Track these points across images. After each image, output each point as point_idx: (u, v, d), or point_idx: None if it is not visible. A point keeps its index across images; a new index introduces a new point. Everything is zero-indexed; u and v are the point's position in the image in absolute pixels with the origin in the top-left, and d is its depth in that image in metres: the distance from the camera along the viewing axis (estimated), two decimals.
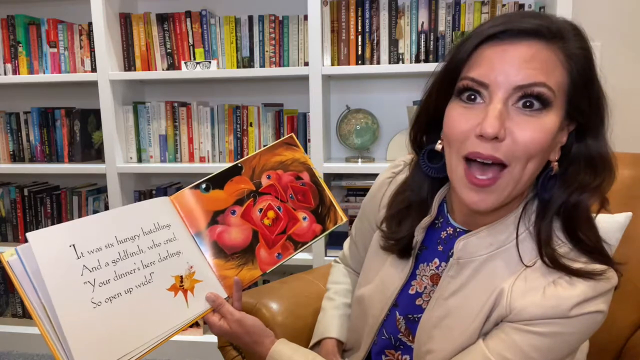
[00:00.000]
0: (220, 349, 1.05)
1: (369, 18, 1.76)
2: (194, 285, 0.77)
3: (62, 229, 0.68)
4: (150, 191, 2.03)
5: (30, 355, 2.04)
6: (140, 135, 1.97)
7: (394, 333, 0.76)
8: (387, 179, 0.85)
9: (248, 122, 1.91)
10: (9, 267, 0.64)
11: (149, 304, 0.71)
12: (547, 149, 0.61)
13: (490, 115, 0.58)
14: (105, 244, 0.70)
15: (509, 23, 0.60)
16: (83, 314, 0.65)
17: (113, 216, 0.74)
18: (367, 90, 1.99)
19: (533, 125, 0.59)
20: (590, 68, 0.61)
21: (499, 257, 0.66)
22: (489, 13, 1.72)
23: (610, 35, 1.80)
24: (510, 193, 0.62)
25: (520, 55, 0.59)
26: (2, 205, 2.14)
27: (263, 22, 1.84)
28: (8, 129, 2.10)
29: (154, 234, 0.76)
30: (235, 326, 0.77)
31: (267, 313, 1.04)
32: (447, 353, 0.67)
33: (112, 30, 1.89)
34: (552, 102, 0.59)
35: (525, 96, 0.59)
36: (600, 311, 0.61)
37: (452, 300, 0.69)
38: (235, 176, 0.85)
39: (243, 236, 0.82)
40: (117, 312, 0.67)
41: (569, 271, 0.61)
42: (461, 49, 0.63)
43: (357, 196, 1.88)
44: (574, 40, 0.61)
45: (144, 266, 0.72)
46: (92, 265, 0.68)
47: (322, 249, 1.82)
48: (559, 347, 0.62)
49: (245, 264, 0.81)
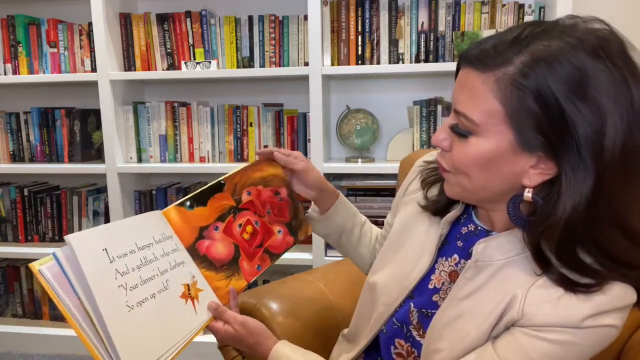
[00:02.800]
0: (220, 349, 1.05)
1: (369, 18, 1.76)
2: (198, 293, 0.79)
3: (95, 233, 0.70)
4: (150, 191, 2.03)
5: (30, 355, 2.04)
6: (140, 135, 1.97)
7: (406, 323, 0.77)
8: (418, 167, 0.88)
9: (248, 122, 1.91)
10: (40, 275, 0.65)
11: (168, 309, 0.74)
12: (489, 169, 0.62)
13: (438, 129, 0.66)
14: (129, 250, 0.73)
15: (469, 49, 0.63)
16: (122, 317, 0.67)
17: (128, 225, 0.76)
18: (367, 90, 1.99)
19: (460, 146, 0.64)
20: (535, 99, 0.56)
21: (515, 264, 0.66)
22: (488, 13, 1.72)
23: None
24: (468, 194, 0.67)
25: (459, 80, 0.64)
26: (2, 205, 2.14)
27: (263, 22, 1.84)
28: (8, 129, 2.10)
29: (162, 243, 0.79)
30: (240, 328, 0.80)
31: (267, 313, 1.04)
32: (456, 354, 0.67)
33: (112, 30, 1.89)
34: (474, 130, 0.61)
35: (456, 120, 0.64)
36: (613, 326, 0.59)
37: (465, 302, 0.69)
38: (217, 193, 0.88)
39: (227, 250, 0.86)
40: (147, 316, 0.70)
41: (578, 286, 0.59)
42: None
43: (357, 196, 1.87)
44: (514, 69, 0.57)
45: (160, 273, 0.75)
46: (122, 270, 0.70)
47: (322, 249, 1.81)
48: (567, 357, 0.60)
49: (232, 275, 0.85)
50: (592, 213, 0.57)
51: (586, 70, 0.55)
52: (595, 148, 0.55)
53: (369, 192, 1.87)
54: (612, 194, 0.57)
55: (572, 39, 0.56)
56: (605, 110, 0.55)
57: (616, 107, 0.55)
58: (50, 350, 2.05)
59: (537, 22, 0.61)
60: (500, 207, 0.67)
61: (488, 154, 0.61)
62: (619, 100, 0.55)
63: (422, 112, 1.80)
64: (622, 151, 0.55)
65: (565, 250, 0.60)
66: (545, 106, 0.56)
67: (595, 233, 0.58)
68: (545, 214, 0.59)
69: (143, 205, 2.04)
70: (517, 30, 0.60)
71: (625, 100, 0.55)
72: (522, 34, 0.59)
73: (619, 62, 0.56)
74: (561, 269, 0.60)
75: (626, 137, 0.55)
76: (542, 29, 0.59)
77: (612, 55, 0.56)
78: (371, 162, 1.85)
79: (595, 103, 0.55)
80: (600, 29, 0.58)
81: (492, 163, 0.62)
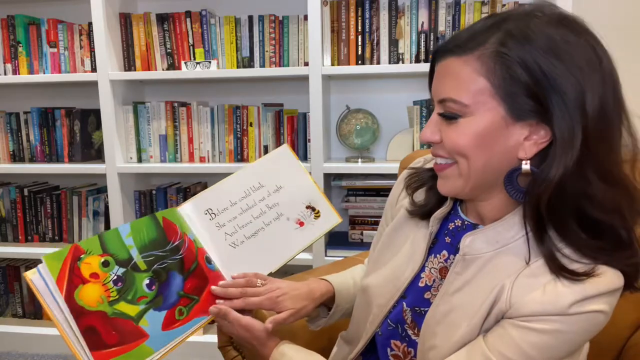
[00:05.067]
0: (220, 349, 1.05)
1: (369, 18, 1.76)
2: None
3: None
4: (150, 191, 2.03)
5: (31, 355, 2.04)
6: (140, 135, 1.97)
7: (401, 323, 0.77)
8: (405, 176, 0.88)
9: (248, 122, 1.91)
10: (33, 284, 0.71)
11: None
12: (486, 146, 0.64)
13: (425, 125, 0.69)
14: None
15: (443, 42, 0.67)
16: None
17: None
18: (367, 90, 1.99)
19: (452, 131, 0.65)
20: (520, 66, 0.60)
21: (504, 254, 0.67)
22: (489, 13, 1.72)
23: (610, 35, 1.79)
24: (467, 181, 0.67)
25: (439, 72, 0.67)
26: (2, 205, 2.14)
27: (263, 22, 1.84)
28: (8, 129, 2.10)
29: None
30: (242, 331, 0.81)
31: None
32: (449, 349, 0.68)
33: (112, 30, 1.89)
34: (464, 111, 0.63)
35: (443, 108, 0.66)
36: (601, 311, 0.60)
37: (456, 296, 0.69)
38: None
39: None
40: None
41: (565, 271, 0.61)
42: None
43: (357, 196, 1.87)
44: (494, 44, 0.61)
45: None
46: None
47: (322, 249, 1.82)
48: (558, 346, 0.61)
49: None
50: (581, 170, 0.60)
51: (558, 39, 0.60)
52: (581, 105, 0.59)
53: (369, 192, 1.87)
54: (596, 149, 0.60)
55: (539, 15, 0.62)
56: (583, 70, 0.60)
57: (589, 68, 0.60)
58: (50, 350, 2.05)
59: (500, 12, 0.66)
60: (494, 194, 0.68)
61: (482, 131, 0.63)
62: (590, 63, 0.60)
63: (422, 112, 1.80)
64: (600, 106, 0.60)
65: (561, 215, 0.62)
66: (529, 71, 0.60)
67: (589, 189, 0.61)
68: (541, 179, 0.62)
69: (143, 205, 2.04)
70: (482, 20, 0.65)
71: (595, 62, 0.61)
72: (489, 21, 0.64)
73: (582, 31, 0.63)
74: (557, 243, 0.62)
75: (600, 93, 0.60)
76: (509, 14, 0.64)
77: (577, 26, 0.63)
78: (371, 162, 1.85)
79: (573, 65, 0.60)
80: (561, 9, 0.65)
81: (487, 139, 0.63)
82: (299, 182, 0.96)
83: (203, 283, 0.83)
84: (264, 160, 0.96)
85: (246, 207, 0.92)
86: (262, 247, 0.90)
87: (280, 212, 0.93)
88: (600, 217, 0.62)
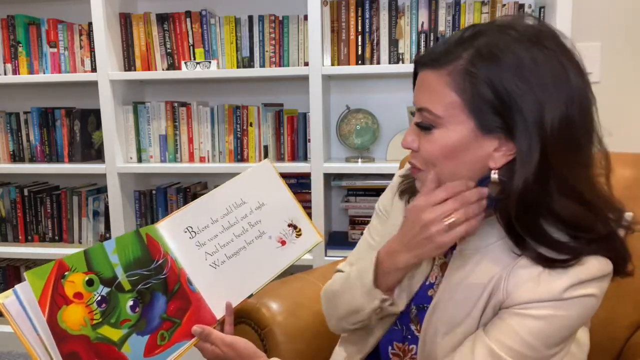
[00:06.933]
0: None
1: (369, 18, 1.76)
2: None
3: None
4: (150, 191, 2.03)
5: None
6: (140, 135, 1.97)
7: (406, 323, 0.79)
8: (396, 183, 0.91)
9: (248, 122, 1.91)
10: (4, 309, 0.68)
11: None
12: (455, 157, 0.67)
13: (406, 132, 0.72)
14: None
15: (422, 54, 0.71)
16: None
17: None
18: (367, 90, 1.99)
19: (427, 141, 0.69)
20: (487, 85, 0.63)
21: (499, 248, 0.69)
22: (489, 13, 1.72)
23: (610, 35, 1.80)
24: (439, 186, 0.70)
25: (418, 82, 0.71)
26: (2, 205, 2.14)
27: (263, 22, 1.84)
28: (8, 129, 2.10)
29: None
30: (227, 350, 0.78)
31: (267, 313, 1.04)
32: (451, 343, 0.70)
33: (112, 30, 1.89)
34: (437, 122, 0.67)
35: (420, 117, 0.69)
36: (592, 295, 0.64)
37: (456, 290, 0.71)
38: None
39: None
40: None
41: (555, 262, 0.64)
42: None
43: (357, 196, 1.88)
44: (464, 61, 0.64)
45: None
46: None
47: (322, 249, 1.82)
48: (556, 330, 0.64)
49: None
50: (542, 184, 0.63)
51: (526, 59, 0.62)
52: (538, 123, 0.62)
53: (369, 192, 1.87)
54: (557, 165, 0.63)
55: (512, 33, 0.64)
56: (546, 90, 0.62)
57: (555, 87, 0.62)
58: None
59: (478, 24, 0.69)
60: None
61: (453, 143, 0.66)
62: (557, 81, 0.62)
63: None
64: (560, 124, 0.62)
65: (529, 224, 0.65)
66: (495, 90, 0.63)
67: (550, 203, 0.64)
68: (508, 189, 0.65)
69: (143, 205, 2.04)
70: (461, 32, 0.68)
71: (563, 80, 0.63)
72: (465, 33, 0.67)
73: (554, 47, 0.64)
74: (537, 247, 0.65)
75: (563, 111, 0.62)
76: (482, 28, 0.66)
77: (548, 42, 0.64)
78: (371, 162, 1.85)
79: (538, 84, 0.62)
80: (535, 23, 0.66)
81: (458, 151, 0.66)
82: (280, 198, 0.93)
83: (185, 305, 0.80)
84: (246, 175, 0.92)
85: (228, 224, 0.88)
86: (243, 268, 0.87)
87: (262, 231, 0.90)
88: (562, 229, 0.65)
